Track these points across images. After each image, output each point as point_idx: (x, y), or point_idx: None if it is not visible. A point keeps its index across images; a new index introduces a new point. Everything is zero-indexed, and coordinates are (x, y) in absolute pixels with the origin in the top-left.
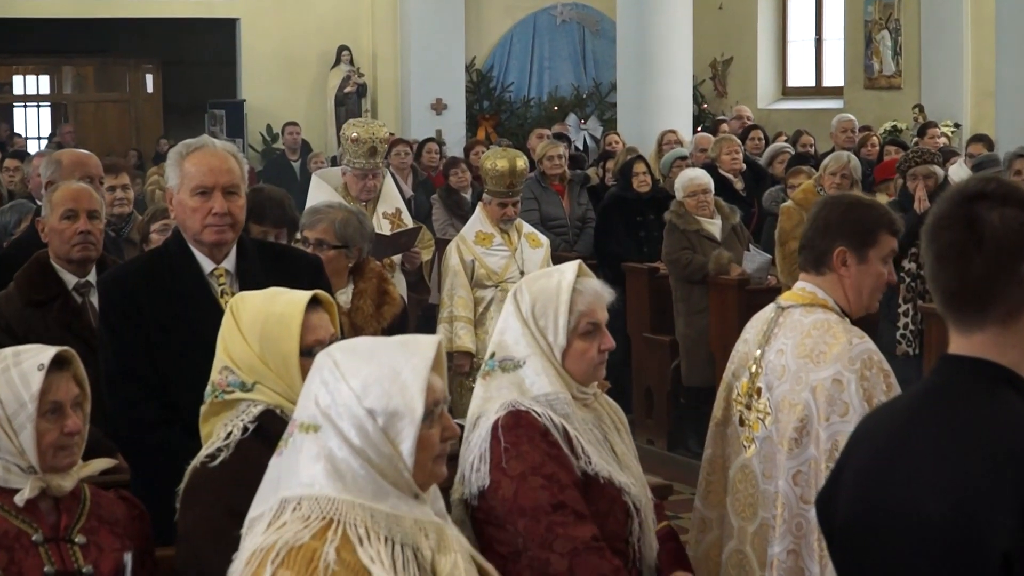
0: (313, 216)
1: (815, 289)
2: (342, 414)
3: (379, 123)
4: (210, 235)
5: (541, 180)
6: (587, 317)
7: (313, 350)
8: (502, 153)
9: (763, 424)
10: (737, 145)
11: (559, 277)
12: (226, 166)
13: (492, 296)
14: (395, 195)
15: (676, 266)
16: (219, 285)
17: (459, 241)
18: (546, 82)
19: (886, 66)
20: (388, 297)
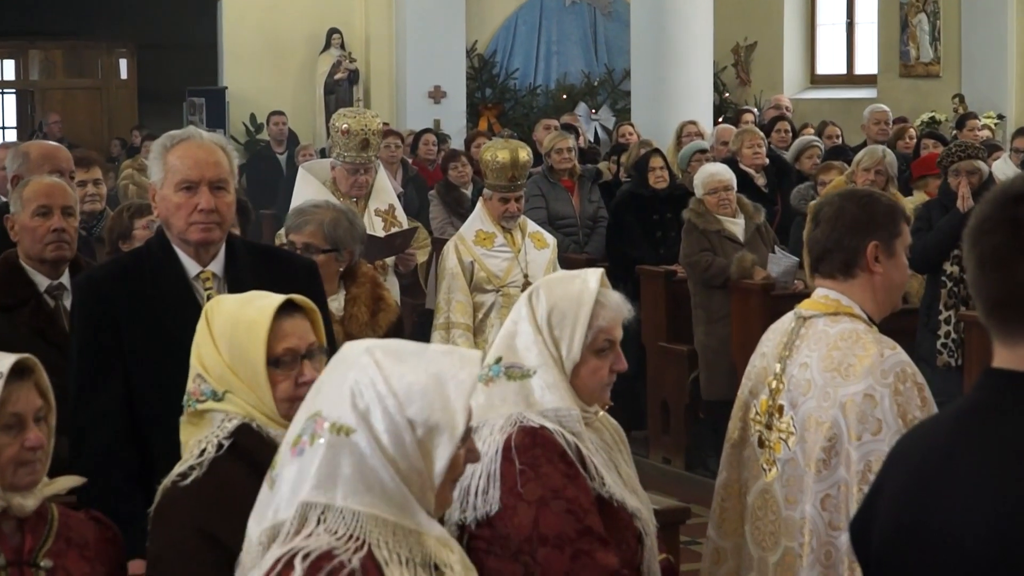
0: (299, 218)
1: (839, 296)
2: (380, 418)
3: (372, 113)
4: (195, 233)
5: (549, 175)
6: (605, 333)
7: (282, 360)
8: (503, 144)
9: (786, 445)
10: (760, 138)
11: (582, 285)
12: (213, 159)
13: (493, 301)
14: (388, 190)
15: (695, 269)
16: (205, 290)
17: (457, 241)
18: (554, 68)
19: (923, 52)
20: (383, 303)
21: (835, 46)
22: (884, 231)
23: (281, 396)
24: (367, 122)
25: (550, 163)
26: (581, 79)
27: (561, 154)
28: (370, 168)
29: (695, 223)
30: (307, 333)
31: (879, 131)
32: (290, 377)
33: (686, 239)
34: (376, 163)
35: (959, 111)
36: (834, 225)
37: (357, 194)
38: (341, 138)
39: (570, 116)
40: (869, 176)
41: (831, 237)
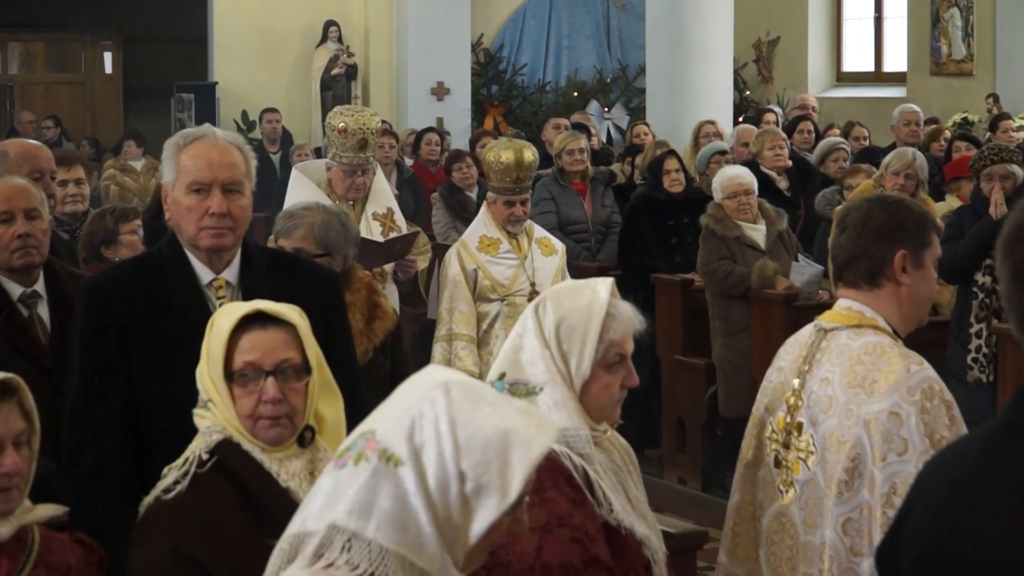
0: (288, 221)
1: (862, 307)
2: (433, 460)
3: (371, 111)
4: (206, 239)
5: (559, 178)
6: (617, 347)
7: (240, 374)
8: (507, 143)
9: (805, 465)
10: (782, 139)
11: (591, 295)
12: (227, 159)
13: (498, 311)
14: (386, 193)
15: (713, 278)
16: (218, 298)
17: (460, 247)
18: (564, 64)
19: (955, 49)
20: (380, 310)
21: (862, 42)
22: (913, 240)
23: (242, 412)
24: (365, 120)
25: (561, 165)
26: (593, 75)
27: (572, 155)
28: (368, 170)
29: (713, 229)
30: (279, 348)
31: (910, 132)
32: (250, 394)
33: (704, 246)
34: (374, 164)
35: (993, 112)
36: (861, 231)
37: (354, 197)
38: (337, 137)
39: (581, 115)
40: (898, 180)
41: (857, 244)
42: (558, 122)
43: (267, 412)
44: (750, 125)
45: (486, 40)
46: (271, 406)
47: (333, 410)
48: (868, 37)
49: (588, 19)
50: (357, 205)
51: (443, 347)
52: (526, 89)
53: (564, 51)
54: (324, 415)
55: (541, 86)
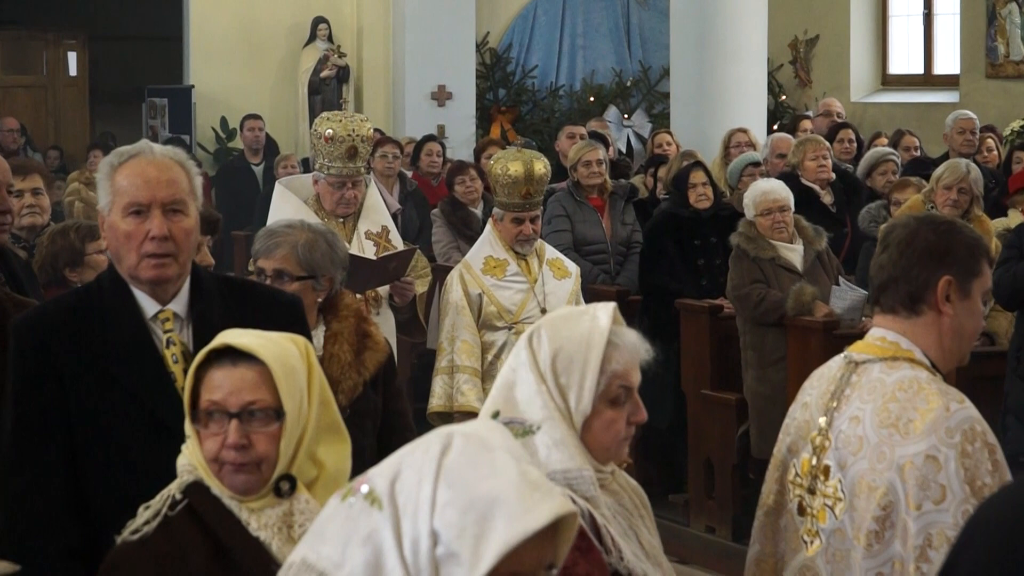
0: (268, 240)
1: (898, 337)
2: (408, 511)
3: (361, 117)
4: (147, 269)
5: (575, 192)
6: (620, 379)
7: (203, 413)
8: (515, 154)
9: (832, 513)
10: (825, 148)
11: (590, 323)
12: (167, 176)
13: (504, 340)
14: (381, 209)
15: (745, 304)
16: (164, 332)
17: (463, 269)
18: (579, 66)
19: (1014, 49)
20: (370, 340)
21: (911, 42)
22: (961, 266)
23: (206, 455)
24: (355, 127)
25: (576, 178)
26: (612, 78)
27: (589, 167)
28: (359, 182)
29: (745, 249)
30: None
31: (964, 141)
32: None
33: (734, 268)
34: (366, 177)
35: None
36: (904, 251)
37: (344, 212)
38: (324, 146)
39: (598, 122)
40: (951, 195)
41: (899, 264)
42: (573, 130)
43: (229, 458)
44: (786, 134)
45: (492, 39)
46: (233, 452)
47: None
48: (917, 36)
49: (606, 16)
50: (348, 222)
51: (444, 380)
52: (537, 93)
53: (579, 51)
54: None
55: (554, 90)
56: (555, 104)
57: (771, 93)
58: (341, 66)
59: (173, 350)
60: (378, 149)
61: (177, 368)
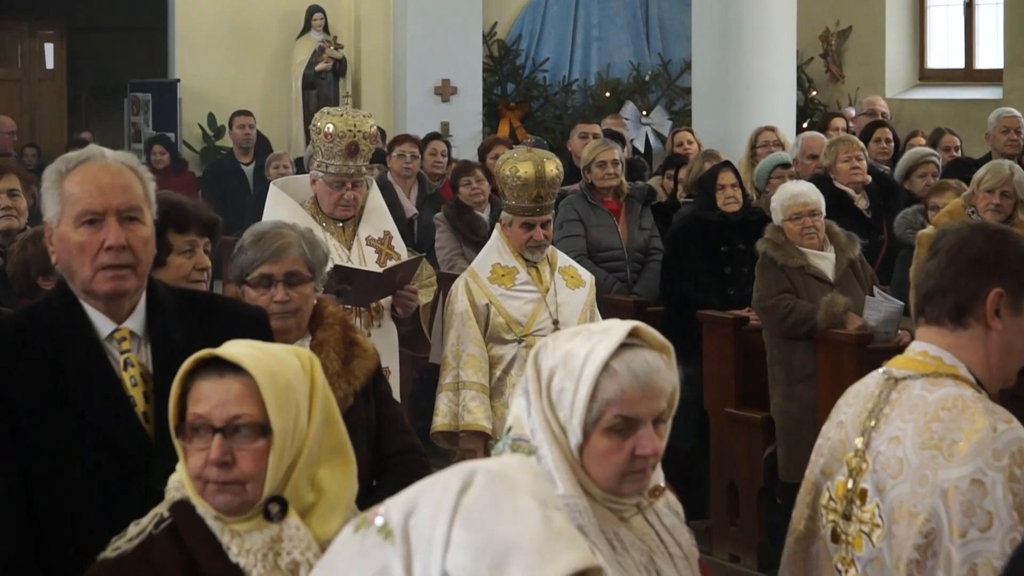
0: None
1: (941, 352)
2: (420, 549)
3: (364, 113)
4: (103, 282)
5: (588, 195)
6: (616, 408)
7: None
8: (525, 154)
9: (869, 540)
10: (860, 149)
11: (595, 343)
12: (121, 181)
13: (514, 354)
14: (382, 212)
15: (772, 316)
16: (121, 353)
17: (468, 278)
18: (594, 58)
19: None
20: (358, 348)
21: (951, 34)
22: (1014, 279)
23: (191, 471)
24: (357, 122)
25: (590, 180)
26: (629, 72)
27: (604, 168)
28: (360, 182)
29: (772, 257)
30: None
31: (1008, 141)
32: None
33: (761, 277)
34: (368, 178)
35: None
36: (953, 259)
37: (342, 215)
38: (323, 142)
39: (615, 120)
40: (992, 199)
41: (946, 273)
42: (586, 129)
43: (212, 476)
44: (817, 133)
45: (500, 30)
46: (216, 469)
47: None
48: (957, 27)
49: (623, 5)
50: (347, 226)
51: (449, 397)
52: (548, 88)
53: (594, 43)
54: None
55: (566, 85)
56: (568, 100)
57: (800, 89)
58: (338, 59)
59: (131, 372)
60: (396, 147)
61: (136, 392)
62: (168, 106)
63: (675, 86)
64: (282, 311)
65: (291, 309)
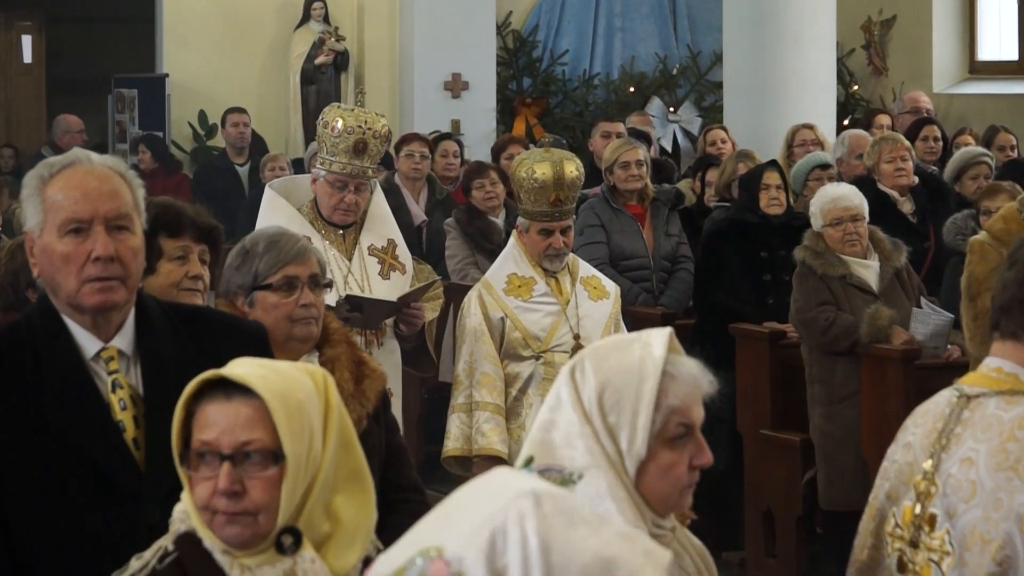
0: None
1: (1017, 368)
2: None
3: (378, 113)
4: (91, 295)
5: (611, 198)
6: (680, 415)
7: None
8: (543, 155)
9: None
10: (905, 148)
11: (642, 351)
12: (108, 187)
13: (531, 372)
14: (386, 219)
15: (811, 329)
16: (109, 375)
17: (482, 290)
18: (617, 51)
19: None
20: (367, 368)
21: (1003, 23)
22: None
23: (197, 502)
24: (368, 119)
25: (612, 182)
26: (655, 65)
27: (627, 169)
28: (364, 186)
29: (811, 266)
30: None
31: None
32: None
33: (799, 288)
34: (373, 183)
35: None
36: None
37: (342, 220)
38: (329, 136)
39: (640, 117)
40: None
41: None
42: (609, 127)
43: (221, 506)
44: (860, 131)
45: (516, 20)
46: (225, 499)
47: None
48: (1010, 16)
49: None
50: (348, 234)
51: (461, 419)
52: (568, 83)
53: (617, 34)
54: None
55: (587, 79)
56: (589, 95)
57: (841, 83)
58: (339, 51)
59: (120, 394)
60: (403, 147)
61: (125, 416)
62: (156, 103)
63: (705, 80)
64: (308, 316)
65: (315, 315)
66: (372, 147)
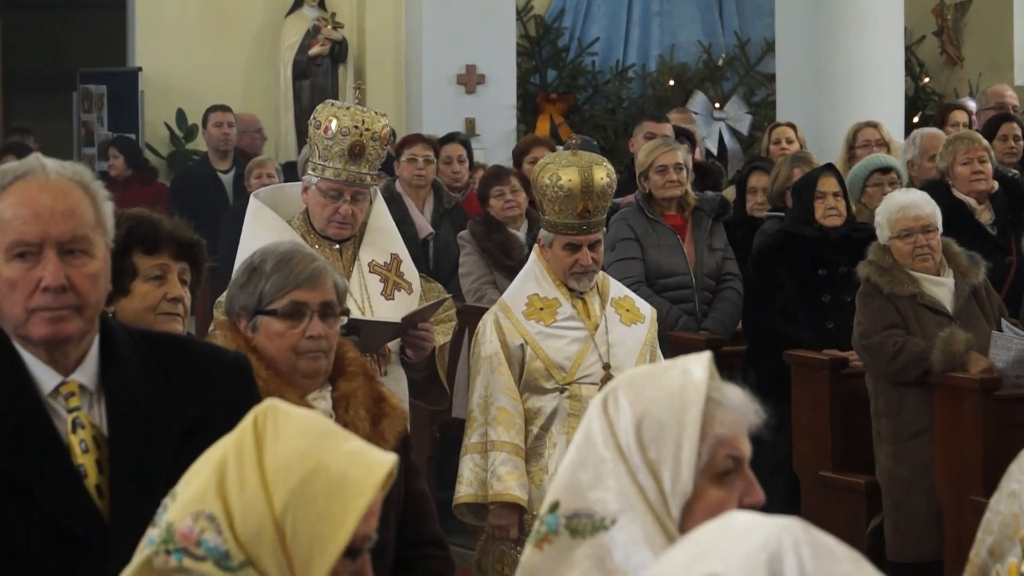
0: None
1: None
2: None
3: (378, 112)
4: (39, 325)
5: (647, 208)
6: (728, 447)
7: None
8: (569, 158)
9: None
10: (983, 149)
11: (682, 377)
12: (64, 205)
13: (555, 407)
14: (389, 231)
15: (877, 356)
16: (68, 412)
17: (500, 313)
18: (655, 38)
19: None
20: (386, 405)
21: None
22: None
23: None
24: (366, 119)
25: (648, 189)
26: (698, 55)
27: (665, 174)
28: (361, 195)
29: (877, 284)
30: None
31: None
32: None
33: (863, 309)
34: (373, 191)
35: None
36: None
37: (336, 234)
38: (322, 139)
39: (681, 114)
40: None
41: None
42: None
43: None
44: (934, 129)
45: (538, 4)
46: None
47: None
48: None
49: None
50: (345, 249)
51: (475, 461)
52: (598, 76)
53: (654, 19)
54: None
55: (620, 71)
56: (622, 90)
57: (910, 75)
58: (336, 40)
59: (81, 435)
60: (405, 151)
61: (87, 459)
62: (127, 100)
63: (755, 72)
64: (315, 349)
65: (324, 348)
66: (370, 151)
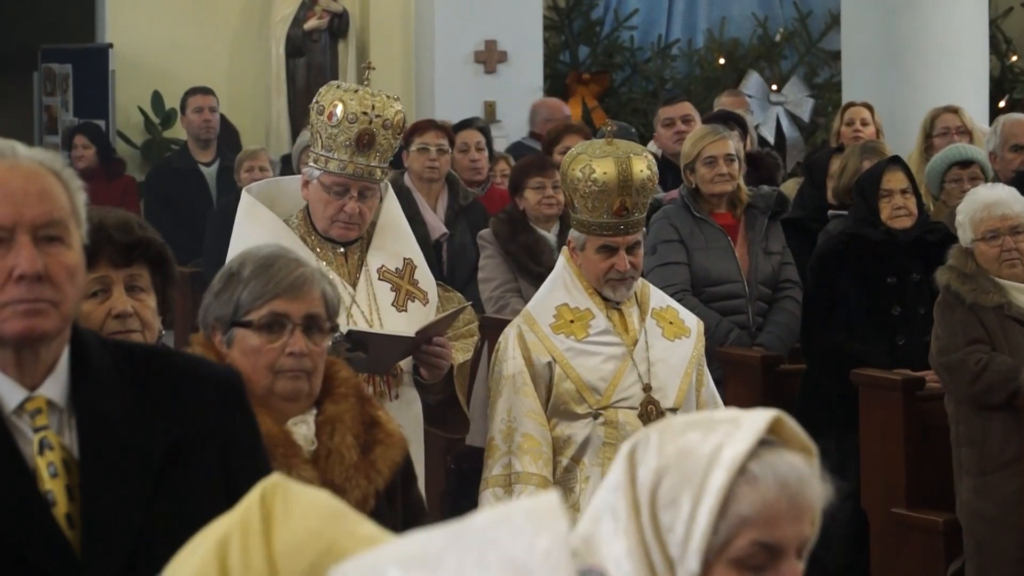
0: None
1: None
2: None
3: (390, 95)
4: (12, 320)
5: (692, 205)
6: (754, 531)
7: None
8: (604, 148)
9: None
10: None
11: (724, 436)
12: (36, 187)
13: (588, 435)
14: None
15: (958, 376)
16: (35, 431)
17: (523, 326)
18: (703, 10)
19: None
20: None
21: None
22: None
23: None
24: (377, 104)
25: (694, 183)
26: (752, 30)
27: (714, 167)
28: (370, 191)
29: (958, 292)
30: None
31: None
32: None
33: (942, 322)
34: (383, 186)
35: None
36: None
37: (341, 235)
38: (326, 126)
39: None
40: None
41: None
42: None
43: None
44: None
45: None
46: None
47: None
48: None
49: None
50: (351, 252)
51: (497, 496)
52: (638, 53)
53: None
54: None
55: (663, 48)
56: (665, 70)
57: (995, 52)
58: (335, 12)
59: (50, 457)
60: (414, 139)
61: (57, 485)
62: (96, 81)
63: (817, 49)
64: (295, 368)
65: (307, 367)
66: (381, 140)
